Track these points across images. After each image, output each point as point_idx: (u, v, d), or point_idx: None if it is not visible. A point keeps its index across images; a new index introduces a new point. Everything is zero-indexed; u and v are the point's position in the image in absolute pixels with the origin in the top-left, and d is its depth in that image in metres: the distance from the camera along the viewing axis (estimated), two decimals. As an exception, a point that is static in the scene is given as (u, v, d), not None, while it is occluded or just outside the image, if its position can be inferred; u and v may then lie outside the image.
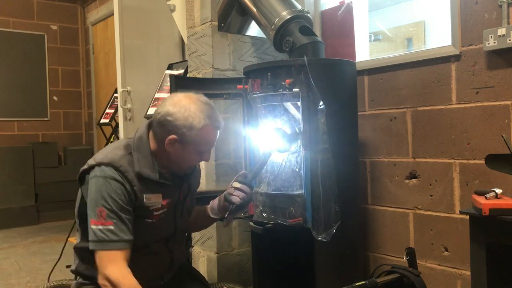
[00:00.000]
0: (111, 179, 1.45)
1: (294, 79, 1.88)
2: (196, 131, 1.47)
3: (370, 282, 1.76)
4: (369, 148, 2.52)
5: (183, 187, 1.63)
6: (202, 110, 1.48)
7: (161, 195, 1.53)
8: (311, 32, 2.12)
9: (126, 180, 1.46)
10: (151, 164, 1.51)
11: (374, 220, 2.52)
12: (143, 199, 1.49)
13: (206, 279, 2.46)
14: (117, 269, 1.41)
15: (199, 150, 1.52)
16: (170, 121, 1.46)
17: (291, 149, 1.92)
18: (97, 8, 5.94)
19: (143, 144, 1.53)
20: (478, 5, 2.06)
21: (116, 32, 3.80)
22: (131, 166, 1.49)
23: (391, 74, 2.40)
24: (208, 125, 1.48)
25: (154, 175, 1.51)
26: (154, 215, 1.53)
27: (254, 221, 2.02)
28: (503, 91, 2.01)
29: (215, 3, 2.51)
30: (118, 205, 1.44)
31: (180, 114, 1.46)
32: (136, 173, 1.48)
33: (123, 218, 1.44)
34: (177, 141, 1.48)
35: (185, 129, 1.46)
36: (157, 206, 1.53)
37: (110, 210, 1.43)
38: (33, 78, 5.88)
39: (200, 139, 1.49)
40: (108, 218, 1.43)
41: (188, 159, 1.54)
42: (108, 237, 1.42)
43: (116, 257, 1.42)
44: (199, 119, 1.47)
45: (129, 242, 1.45)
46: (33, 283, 3.31)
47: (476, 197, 1.72)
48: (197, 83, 2.25)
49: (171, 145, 1.49)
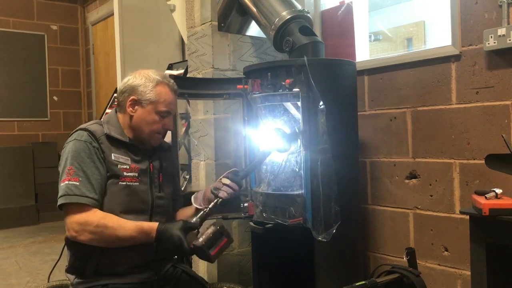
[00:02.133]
0: (80, 139, 1.59)
1: (294, 79, 1.88)
2: (151, 88, 1.64)
3: (370, 282, 1.76)
4: (369, 148, 2.52)
5: (153, 159, 1.73)
6: (155, 73, 1.69)
7: (129, 159, 1.65)
8: (311, 32, 2.11)
9: (94, 138, 1.60)
10: (120, 130, 1.67)
11: (374, 220, 2.52)
12: (111, 156, 1.61)
13: (206, 279, 2.46)
14: (83, 215, 1.50)
15: (157, 109, 1.65)
16: (128, 85, 1.67)
17: (291, 149, 1.91)
18: (97, 8, 5.94)
19: (111, 118, 1.70)
20: (478, 5, 2.06)
21: (116, 32, 3.81)
22: (100, 130, 1.64)
23: (391, 74, 2.40)
24: (161, 82, 1.67)
25: (123, 138, 1.65)
26: (125, 176, 1.62)
27: (254, 221, 2.02)
28: (503, 91, 2.01)
29: (215, 3, 2.51)
30: (85, 164, 1.55)
31: (135, 78, 1.67)
32: (106, 135, 1.63)
33: (89, 176, 1.54)
34: (136, 101, 1.65)
35: (141, 87, 1.65)
36: (126, 167, 1.62)
37: (78, 168, 1.54)
38: (33, 78, 5.88)
39: (155, 95, 1.65)
40: (75, 175, 1.53)
41: (150, 120, 1.66)
42: (72, 191, 1.51)
43: (83, 210, 1.51)
44: (152, 78, 1.66)
45: (94, 200, 1.53)
46: (33, 283, 3.31)
47: (476, 197, 1.72)
48: (197, 83, 2.25)
49: (132, 108, 1.66)
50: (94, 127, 1.63)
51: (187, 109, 2.98)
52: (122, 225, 1.51)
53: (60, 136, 6.00)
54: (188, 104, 2.68)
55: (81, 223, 1.49)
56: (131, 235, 1.51)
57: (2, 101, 5.64)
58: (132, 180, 1.63)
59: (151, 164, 1.70)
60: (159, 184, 1.72)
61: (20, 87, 5.76)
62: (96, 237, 1.49)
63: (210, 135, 2.52)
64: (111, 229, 1.50)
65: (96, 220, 1.49)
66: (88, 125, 1.66)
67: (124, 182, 1.61)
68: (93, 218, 1.50)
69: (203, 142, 2.57)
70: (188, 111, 2.79)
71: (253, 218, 2.00)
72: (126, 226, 1.52)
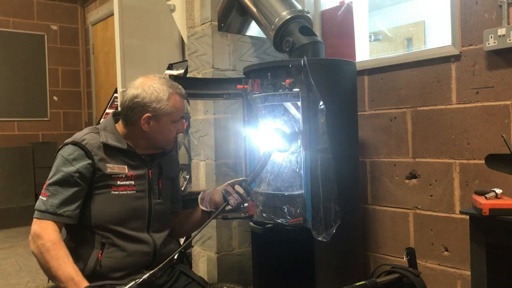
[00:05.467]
0: (66, 157, 1.56)
1: (294, 79, 1.88)
2: (165, 102, 1.61)
3: (370, 282, 1.76)
4: (369, 148, 2.52)
5: (153, 165, 1.70)
6: (162, 83, 1.64)
7: (126, 167, 1.62)
8: (311, 32, 2.11)
9: (84, 150, 1.56)
10: (118, 137, 1.63)
11: (374, 220, 2.52)
12: (105, 168, 1.58)
13: (206, 279, 2.46)
14: (39, 226, 1.50)
15: (172, 119, 1.65)
16: (138, 102, 1.60)
17: (291, 149, 1.92)
18: (97, 8, 5.94)
19: (109, 124, 1.67)
20: (478, 5, 2.06)
21: (116, 32, 3.81)
22: (95, 140, 1.60)
23: (391, 74, 2.40)
24: (172, 94, 1.64)
25: (120, 145, 1.62)
26: (119, 185, 1.60)
27: (254, 221, 2.02)
28: (503, 91, 2.01)
29: (215, 3, 2.51)
30: (62, 178, 1.53)
31: (145, 93, 1.61)
32: (102, 144, 1.59)
33: (61, 191, 1.52)
34: (151, 117, 1.61)
35: (154, 104, 1.60)
36: (121, 176, 1.60)
37: (50, 183, 1.54)
38: (33, 78, 5.88)
39: (170, 108, 1.63)
40: (46, 190, 1.54)
41: (166, 132, 1.66)
42: (39, 207, 1.52)
43: (43, 224, 1.50)
44: (163, 91, 1.62)
45: (54, 215, 1.51)
46: (33, 283, 3.31)
47: (476, 197, 1.72)
48: (197, 83, 2.25)
49: (147, 124, 1.62)
50: (88, 139, 1.60)
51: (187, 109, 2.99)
52: (61, 262, 1.45)
53: (60, 136, 6.00)
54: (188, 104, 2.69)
55: (35, 234, 1.50)
56: (59, 277, 1.44)
57: (2, 101, 5.64)
58: (128, 188, 1.61)
59: (149, 170, 1.68)
60: (158, 191, 1.70)
61: (20, 87, 5.76)
62: (38, 254, 1.48)
63: (210, 135, 2.52)
64: (50, 257, 1.46)
65: (46, 240, 1.47)
66: (82, 136, 1.61)
67: (117, 192, 1.59)
68: (45, 235, 1.48)
69: (203, 142, 2.57)
70: (188, 111, 2.79)
71: (253, 218, 2.00)
72: (63, 266, 1.45)
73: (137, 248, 1.61)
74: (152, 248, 1.63)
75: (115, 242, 1.58)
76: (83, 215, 1.57)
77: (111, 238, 1.58)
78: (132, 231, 1.61)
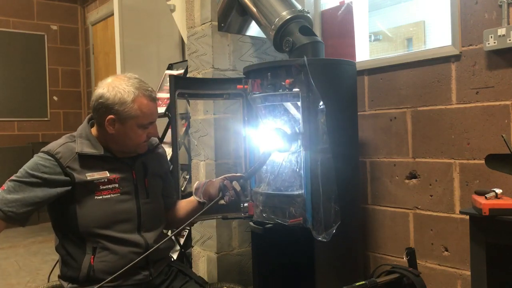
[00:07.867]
0: (37, 162, 1.52)
1: (294, 79, 1.88)
2: (129, 105, 1.52)
3: (370, 282, 1.76)
4: (369, 148, 2.52)
5: (136, 165, 1.65)
6: (129, 84, 1.54)
7: (106, 172, 1.58)
8: (311, 32, 2.11)
9: (58, 162, 1.52)
10: (93, 144, 1.58)
11: (374, 220, 2.52)
12: (84, 177, 1.54)
13: (206, 279, 2.46)
14: None
15: (139, 123, 1.56)
16: (102, 102, 1.53)
17: (291, 149, 1.91)
18: (97, 8, 5.94)
19: (84, 131, 1.62)
20: (478, 5, 2.06)
21: (116, 32, 3.81)
22: (70, 150, 1.56)
23: (391, 74, 2.40)
24: (138, 96, 1.54)
25: (96, 151, 1.57)
26: (102, 189, 1.56)
27: (254, 221, 2.02)
28: (503, 91, 2.01)
29: (215, 3, 2.51)
30: (25, 181, 1.50)
31: (109, 93, 1.52)
32: (78, 155, 1.55)
33: (18, 190, 1.49)
34: (115, 120, 1.54)
35: (117, 106, 1.52)
36: (103, 180, 1.56)
37: (12, 179, 1.51)
38: (33, 78, 5.88)
39: (135, 111, 1.53)
40: (6, 184, 1.51)
41: (133, 135, 1.58)
42: None
43: None
44: (128, 93, 1.52)
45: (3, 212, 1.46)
46: (33, 283, 3.31)
47: (476, 197, 1.72)
48: (197, 83, 2.25)
49: (111, 126, 1.55)
50: (62, 152, 1.55)
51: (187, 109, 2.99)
52: None
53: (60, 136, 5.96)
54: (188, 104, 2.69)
55: None
56: None
57: (2, 101, 5.63)
58: (112, 192, 1.58)
59: (133, 171, 1.64)
60: (145, 190, 1.67)
61: (20, 87, 5.76)
62: None
63: (210, 135, 2.52)
64: None
65: None
66: (56, 149, 1.56)
67: (101, 196, 1.56)
68: None
69: (203, 142, 2.57)
70: (188, 111, 2.79)
71: (253, 218, 2.00)
72: None
73: (129, 250, 1.59)
74: (144, 248, 1.61)
75: (106, 246, 1.56)
76: (71, 222, 1.56)
77: (102, 242, 1.56)
78: (121, 233, 1.59)
